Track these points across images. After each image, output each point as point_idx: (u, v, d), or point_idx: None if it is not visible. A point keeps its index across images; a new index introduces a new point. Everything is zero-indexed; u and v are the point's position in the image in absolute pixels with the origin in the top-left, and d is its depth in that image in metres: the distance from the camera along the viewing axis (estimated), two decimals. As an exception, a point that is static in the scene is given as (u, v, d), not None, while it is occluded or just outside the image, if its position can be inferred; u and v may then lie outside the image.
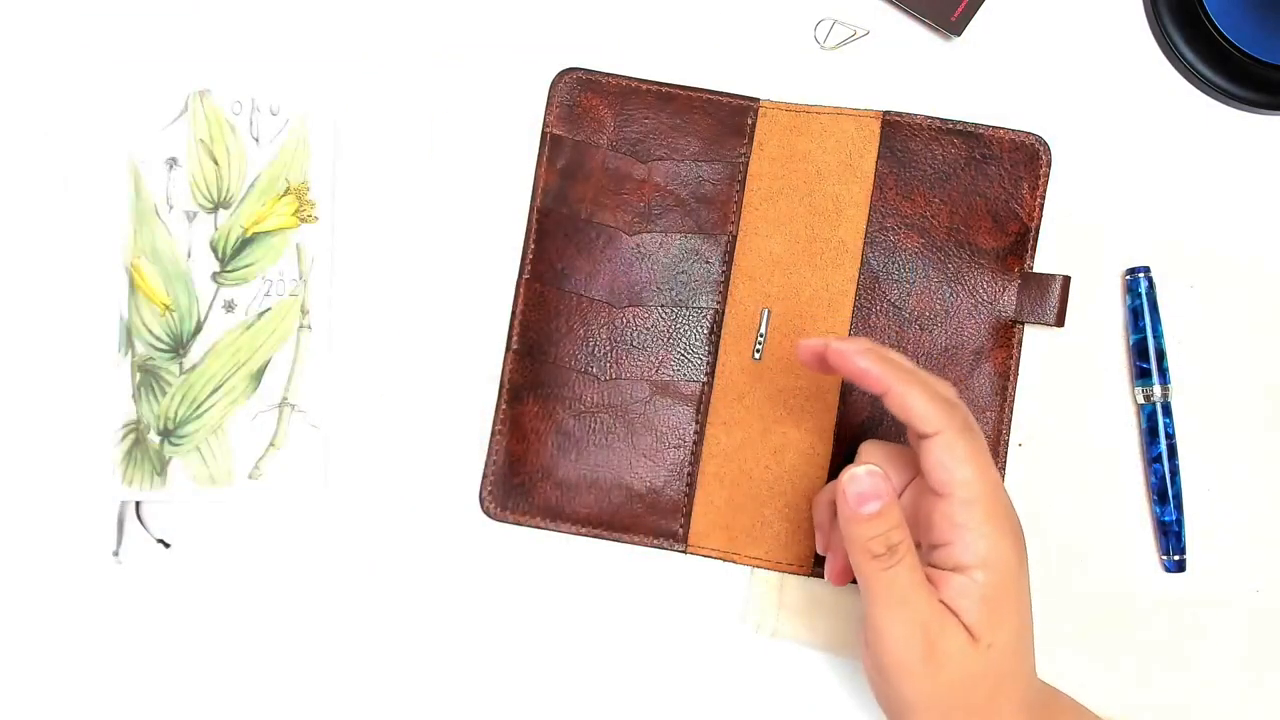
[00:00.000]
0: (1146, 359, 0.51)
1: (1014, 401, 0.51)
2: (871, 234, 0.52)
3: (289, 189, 0.52)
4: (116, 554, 0.52)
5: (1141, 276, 0.51)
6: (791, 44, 0.53)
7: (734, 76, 0.53)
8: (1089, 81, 0.53)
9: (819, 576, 0.51)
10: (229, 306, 0.52)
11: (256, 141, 0.52)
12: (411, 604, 0.52)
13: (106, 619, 0.52)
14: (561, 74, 0.53)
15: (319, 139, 0.53)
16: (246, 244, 0.52)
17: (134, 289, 0.52)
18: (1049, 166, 0.52)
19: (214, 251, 0.52)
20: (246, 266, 0.52)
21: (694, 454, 0.52)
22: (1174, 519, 0.51)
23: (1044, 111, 0.53)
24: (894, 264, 0.52)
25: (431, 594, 0.52)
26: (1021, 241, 0.52)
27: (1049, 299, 0.51)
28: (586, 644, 0.52)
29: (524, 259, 0.52)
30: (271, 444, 0.52)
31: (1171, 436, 0.51)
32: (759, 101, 0.52)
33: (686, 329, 0.52)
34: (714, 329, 0.52)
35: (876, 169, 0.52)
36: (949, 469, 0.40)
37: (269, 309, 0.52)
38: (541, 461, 0.52)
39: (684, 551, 0.52)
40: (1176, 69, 0.53)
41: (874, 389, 0.42)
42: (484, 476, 0.52)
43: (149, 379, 0.52)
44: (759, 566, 0.51)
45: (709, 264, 0.52)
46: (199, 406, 0.52)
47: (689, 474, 0.52)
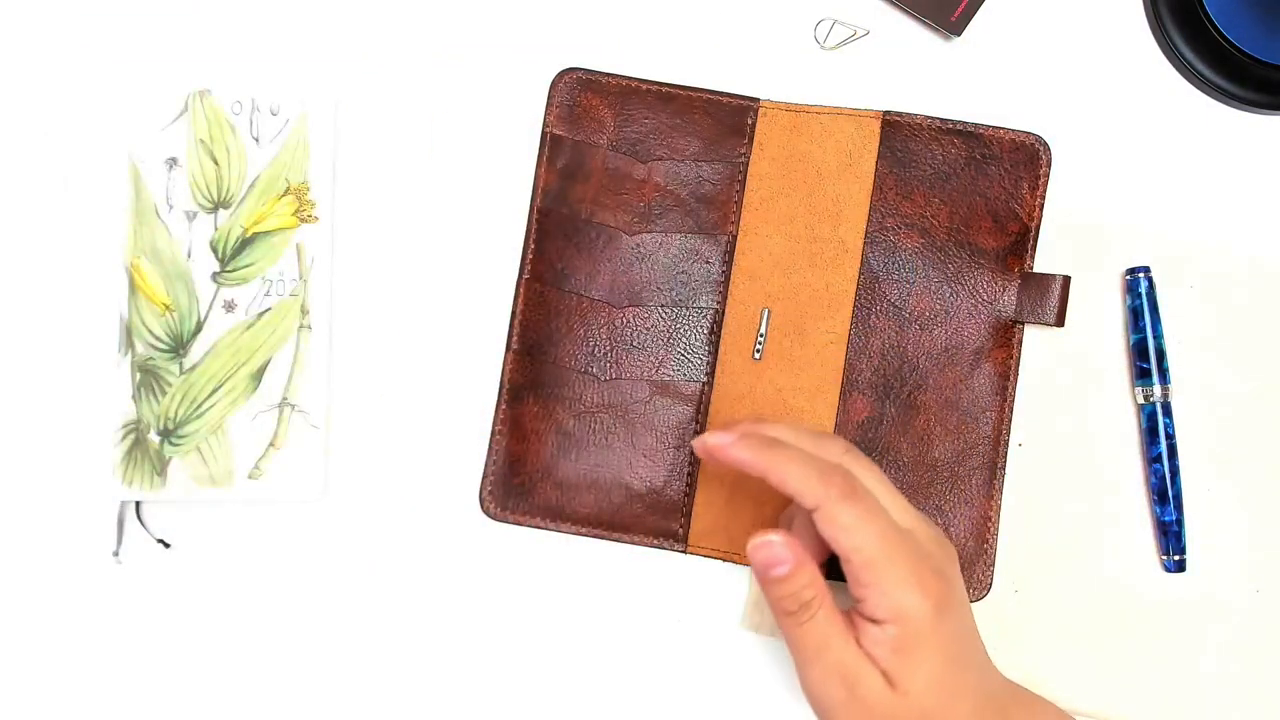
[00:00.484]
0: (1146, 359, 0.51)
1: (1014, 401, 0.51)
2: (871, 234, 0.52)
3: (289, 189, 0.52)
4: (116, 554, 0.52)
5: (1141, 276, 0.51)
6: (791, 44, 0.53)
7: (734, 76, 0.53)
8: (1089, 81, 0.53)
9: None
10: (229, 306, 0.52)
11: (256, 141, 0.52)
12: (412, 604, 0.52)
13: (106, 619, 0.52)
14: (561, 74, 0.53)
15: (319, 139, 0.53)
16: (246, 244, 0.52)
17: (134, 289, 0.52)
18: (1049, 166, 0.52)
19: (214, 251, 0.52)
20: (246, 266, 0.52)
21: (694, 454, 0.52)
22: (1174, 519, 0.51)
23: (1044, 111, 0.53)
24: (894, 264, 0.52)
25: (431, 594, 0.52)
26: (1021, 241, 0.52)
27: (1049, 299, 0.51)
28: (586, 644, 0.52)
29: (524, 259, 0.52)
30: (271, 444, 0.52)
31: (1171, 436, 0.51)
32: (759, 101, 0.52)
33: (686, 329, 0.52)
34: (714, 329, 0.52)
35: (876, 169, 0.52)
36: (837, 539, 0.42)
37: (269, 309, 0.52)
38: (541, 461, 0.52)
39: (684, 551, 0.52)
40: (1176, 69, 0.53)
41: (754, 475, 0.43)
42: (484, 476, 0.52)
43: (149, 379, 0.52)
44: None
45: (709, 264, 0.52)
46: (199, 406, 0.52)
47: (689, 474, 0.52)
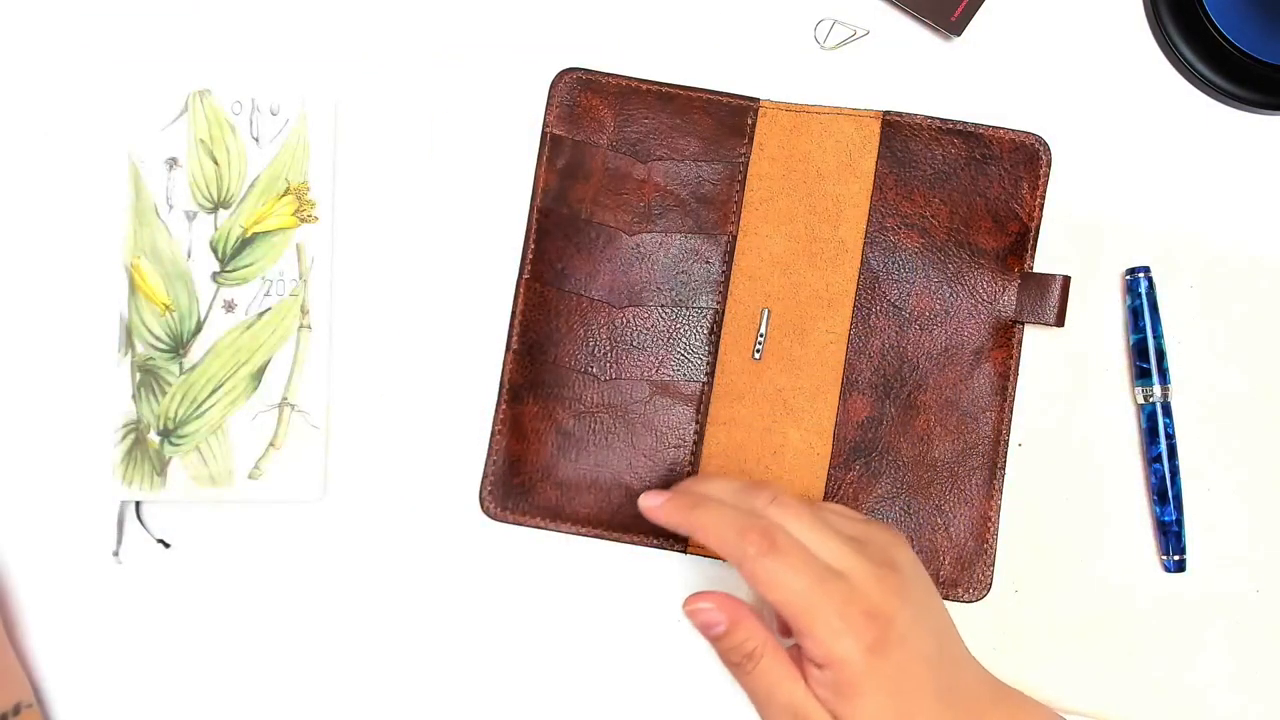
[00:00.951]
0: (1146, 359, 0.51)
1: (1014, 401, 0.51)
2: (871, 234, 0.52)
3: (289, 189, 0.52)
4: (116, 554, 0.52)
5: (1141, 276, 0.51)
6: (791, 44, 0.53)
7: (734, 76, 0.53)
8: (1089, 81, 0.53)
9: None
10: (229, 306, 0.52)
11: (256, 141, 0.52)
12: (411, 604, 0.52)
13: (106, 619, 0.52)
14: (561, 74, 0.53)
15: (319, 139, 0.53)
16: (246, 244, 0.52)
17: (134, 289, 0.52)
18: (1049, 166, 0.52)
19: (214, 251, 0.52)
20: (246, 266, 0.52)
21: (694, 454, 0.52)
22: (1174, 519, 0.51)
23: (1044, 111, 0.53)
24: (894, 264, 0.52)
25: (432, 594, 0.52)
26: (1021, 241, 0.52)
27: (1049, 299, 0.51)
28: (586, 644, 0.52)
29: (524, 259, 0.52)
30: (271, 444, 0.52)
31: (1171, 436, 0.51)
32: (759, 101, 0.52)
33: (686, 329, 0.52)
34: (714, 329, 0.52)
35: (876, 169, 0.52)
36: (762, 594, 0.42)
37: (269, 309, 0.52)
38: (541, 461, 0.52)
39: (684, 551, 0.52)
40: (1176, 69, 0.53)
41: (683, 534, 0.45)
42: (484, 476, 0.52)
43: (149, 379, 0.52)
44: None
45: (709, 264, 0.52)
46: (199, 406, 0.52)
47: (689, 474, 0.52)
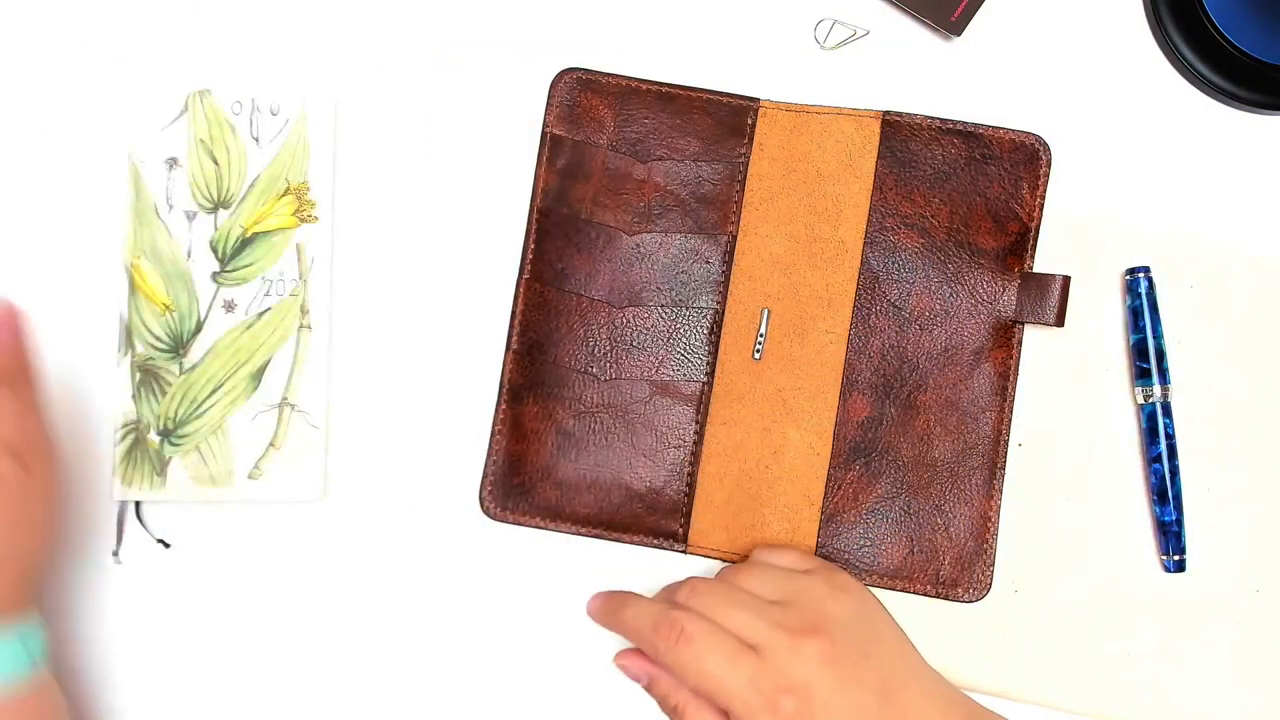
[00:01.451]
0: (1146, 359, 0.51)
1: (1014, 401, 0.51)
2: (871, 234, 0.52)
3: (289, 189, 0.52)
4: (116, 554, 0.52)
5: (1141, 276, 0.51)
6: (791, 44, 0.53)
7: (734, 76, 0.53)
8: (1089, 81, 0.53)
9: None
10: (229, 306, 0.52)
11: (256, 141, 0.52)
12: (412, 604, 0.52)
13: (106, 619, 0.52)
14: (561, 74, 0.53)
15: (319, 139, 0.53)
16: (246, 244, 0.52)
17: (134, 289, 0.52)
18: (1049, 166, 0.52)
19: (214, 251, 0.52)
20: (246, 266, 0.52)
21: (694, 454, 0.52)
22: (1174, 519, 0.51)
23: (1044, 111, 0.53)
24: (894, 264, 0.52)
25: (432, 594, 0.52)
26: (1021, 241, 0.52)
27: (1049, 299, 0.51)
28: (586, 644, 0.52)
29: (524, 259, 0.52)
30: (271, 444, 0.52)
31: (1171, 436, 0.51)
32: (759, 101, 0.52)
33: (686, 329, 0.52)
34: (714, 329, 0.52)
35: (876, 169, 0.52)
36: (684, 681, 0.45)
37: (269, 309, 0.52)
38: (541, 461, 0.52)
39: (684, 551, 0.52)
40: (1176, 69, 0.53)
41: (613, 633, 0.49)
42: (484, 476, 0.52)
43: (149, 379, 0.52)
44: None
45: (709, 264, 0.52)
46: (199, 406, 0.52)
47: (689, 474, 0.52)
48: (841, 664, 0.43)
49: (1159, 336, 0.51)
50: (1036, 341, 0.52)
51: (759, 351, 0.52)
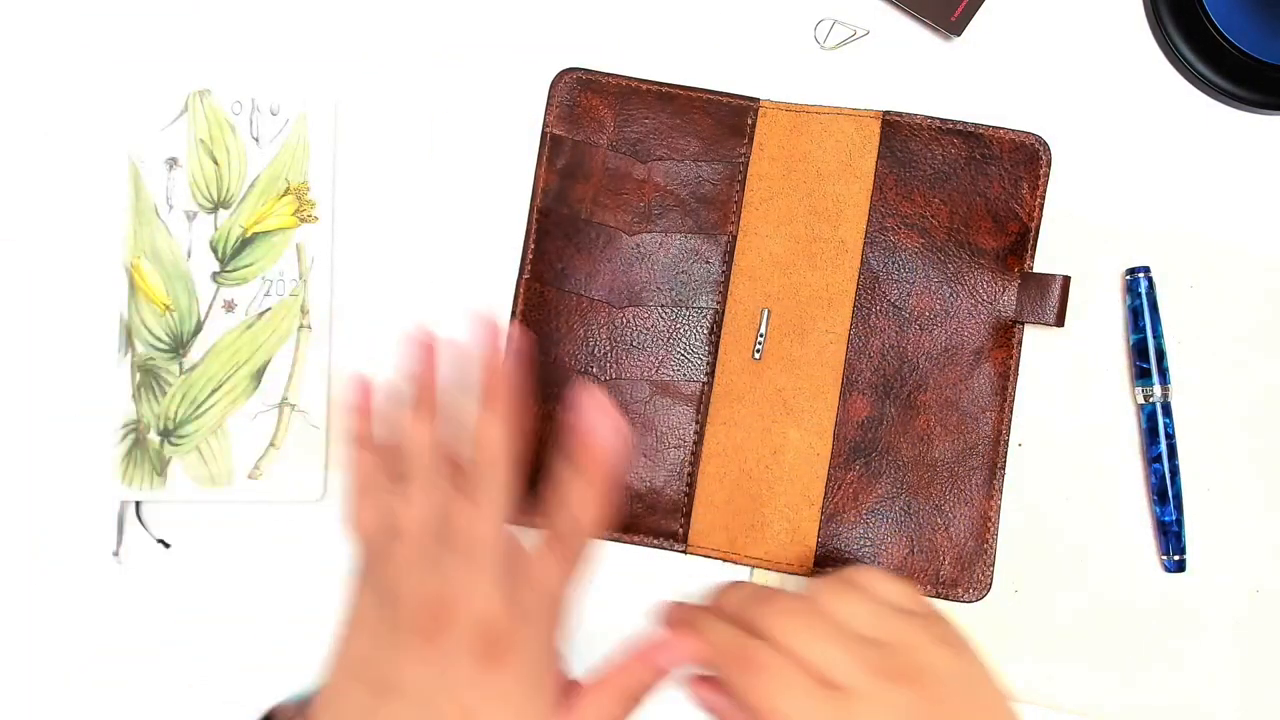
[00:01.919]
0: (1146, 359, 0.51)
1: (1014, 401, 0.51)
2: (871, 234, 0.52)
3: (289, 189, 0.52)
4: (116, 554, 0.52)
5: (1141, 276, 0.51)
6: (791, 44, 0.53)
7: (734, 76, 0.53)
8: (1089, 81, 0.53)
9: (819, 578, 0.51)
10: (229, 306, 0.52)
11: (256, 141, 0.52)
12: (411, 604, 0.52)
13: (106, 619, 0.52)
14: (561, 74, 0.53)
15: (319, 139, 0.53)
16: (246, 244, 0.52)
17: (134, 289, 0.52)
18: (1049, 166, 0.52)
19: (214, 251, 0.52)
20: (246, 266, 0.52)
21: (694, 454, 0.52)
22: (1174, 519, 0.51)
23: (1044, 111, 0.53)
24: (894, 264, 0.52)
25: (431, 594, 0.52)
26: (1021, 241, 0.52)
27: (1049, 299, 0.51)
28: (586, 644, 0.52)
29: (524, 259, 0.52)
30: (271, 444, 0.52)
31: (1171, 436, 0.51)
32: (759, 101, 0.52)
33: (686, 329, 0.52)
34: (714, 329, 0.52)
35: (876, 169, 0.52)
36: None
37: (269, 309, 0.52)
38: (542, 461, 0.52)
39: (684, 551, 0.51)
40: (1176, 69, 0.53)
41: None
42: (484, 476, 0.52)
43: (149, 379, 0.52)
44: (759, 567, 0.51)
45: (709, 264, 0.52)
46: (199, 406, 0.52)
47: (689, 474, 0.52)
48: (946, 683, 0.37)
49: (1159, 336, 0.51)
50: (1036, 341, 0.52)
51: (759, 351, 0.52)
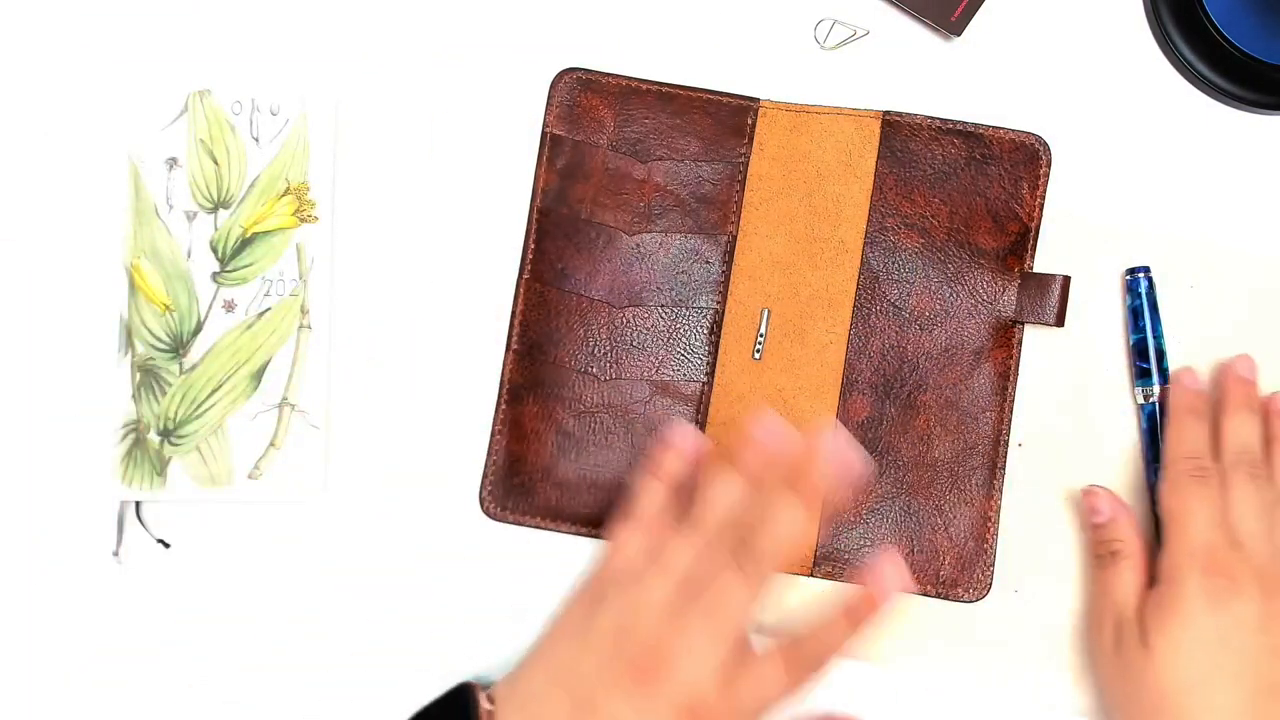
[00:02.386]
0: (1146, 359, 0.51)
1: (1014, 401, 0.51)
2: (871, 234, 0.52)
3: (289, 189, 0.52)
4: (116, 554, 0.52)
5: (1141, 276, 0.51)
6: (791, 44, 0.53)
7: (734, 76, 0.53)
8: (1089, 81, 0.53)
9: (819, 578, 0.51)
10: (229, 306, 0.52)
11: (256, 141, 0.52)
12: (412, 604, 0.52)
13: (106, 619, 0.52)
14: (561, 74, 0.53)
15: (319, 139, 0.53)
16: (246, 244, 0.52)
17: (134, 289, 0.52)
18: (1049, 166, 0.52)
19: (214, 251, 0.52)
20: (246, 266, 0.52)
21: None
22: (1174, 519, 0.51)
23: (1044, 111, 0.53)
24: (894, 264, 0.52)
25: (432, 595, 0.52)
26: (1021, 241, 0.52)
27: (1049, 299, 0.51)
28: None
29: (524, 259, 0.52)
30: (271, 444, 0.52)
31: (1172, 436, 0.51)
32: (759, 101, 0.52)
33: (686, 329, 0.52)
34: (714, 329, 0.52)
35: (876, 169, 0.52)
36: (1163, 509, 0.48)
37: (269, 309, 0.52)
38: (541, 461, 0.52)
39: (684, 551, 0.51)
40: (1176, 69, 0.53)
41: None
42: (484, 476, 0.52)
43: (149, 379, 0.52)
44: (759, 566, 0.51)
45: (709, 264, 0.52)
46: (199, 406, 0.52)
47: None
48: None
49: (1159, 336, 0.51)
50: (1036, 341, 0.52)
51: (759, 351, 0.52)
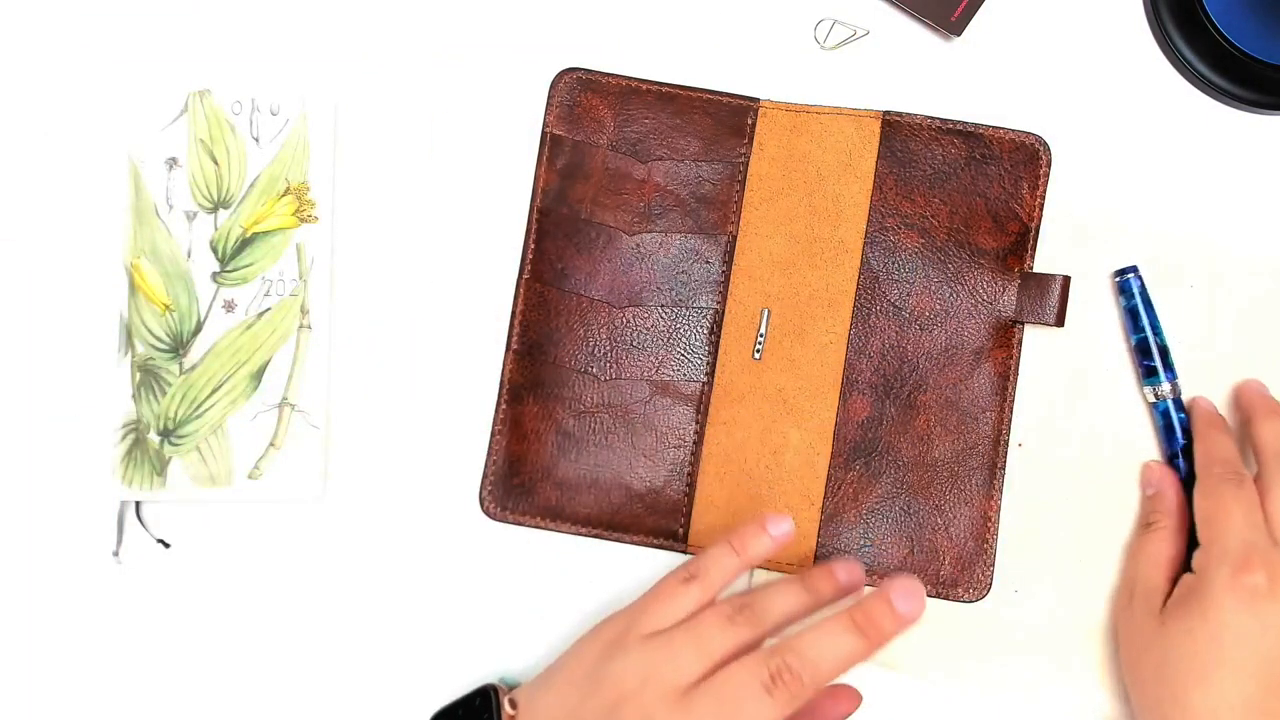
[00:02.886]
0: (1151, 358, 0.51)
1: (1014, 401, 0.51)
2: (871, 234, 0.52)
3: (289, 189, 0.52)
4: (116, 554, 0.52)
5: (1131, 276, 0.51)
6: (791, 44, 0.54)
7: (734, 76, 0.53)
8: (1089, 81, 0.53)
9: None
10: (229, 306, 0.52)
11: (256, 141, 0.52)
12: (412, 604, 0.52)
13: (106, 619, 0.52)
14: (561, 74, 0.53)
15: (319, 139, 0.53)
16: (246, 244, 0.52)
17: (134, 289, 0.52)
18: (1049, 166, 0.52)
19: (214, 251, 0.52)
20: (246, 266, 0.52)
21: (694, 454, 0.52)
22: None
23: (1044, 111, 0.53)
24: (894, 264, 0.52)
25: (432, 594, 0.52)
26: (1021, 241, 0.52)
27: (1049, 299, 0.51)
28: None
29: (524, 259, 0.52)
30: (271, 444, 0.52)
31: (1188, 431, 0.50)
32: (759, 101, 0.52)
33: (686, 329, 0.52)
34: (714, 329, 0.52)
35: (876, 169, 0.52)
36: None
37: (269, 309, 0.52)
38: (541, 461, 0.52)
39: (684, 551, 0.52)
40: (1176, 69, 0.53)
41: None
42: (484, 476, 0.52)
43: (149, 379, 0.52)
44: (759, 567, 0.51)
45: (709, 264, 0.52)
46: (199, 406, 0.52)
47: (689, 474, 0.52)
48: None
49: (1159, 333, 0.51)
50: (1036, 341, 0.52)
51: (759, 351, 0.52)
